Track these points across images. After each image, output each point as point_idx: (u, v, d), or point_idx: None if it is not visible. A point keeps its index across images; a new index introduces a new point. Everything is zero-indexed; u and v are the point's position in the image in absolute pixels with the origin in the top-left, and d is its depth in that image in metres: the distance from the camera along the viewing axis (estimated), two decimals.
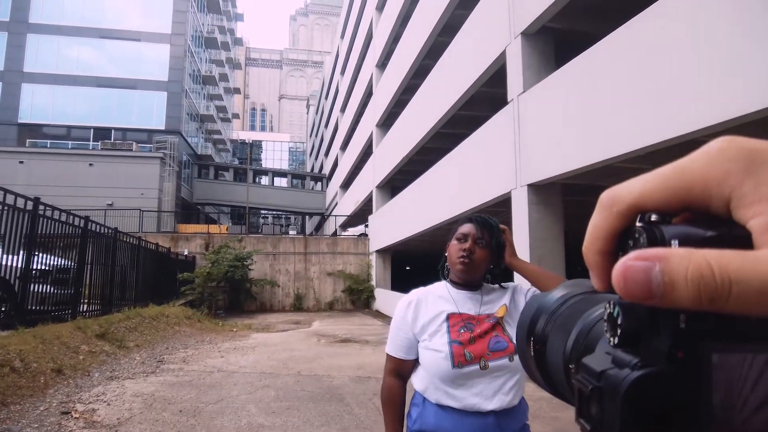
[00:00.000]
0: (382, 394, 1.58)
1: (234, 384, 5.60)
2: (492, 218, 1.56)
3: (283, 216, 48.23)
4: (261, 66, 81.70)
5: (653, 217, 0.21)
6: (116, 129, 27.49)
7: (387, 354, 1.60)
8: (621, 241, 0.23)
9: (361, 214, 22.70)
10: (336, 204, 29.78)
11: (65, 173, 23.82)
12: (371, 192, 19.46)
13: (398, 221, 15.10)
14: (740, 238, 0.19)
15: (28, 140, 25.96)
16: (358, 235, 20.79)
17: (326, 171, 37.30)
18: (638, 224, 0.22)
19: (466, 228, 1.52)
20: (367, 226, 20.47)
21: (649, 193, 0.21)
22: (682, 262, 0.18)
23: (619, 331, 0.21)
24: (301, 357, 7.67)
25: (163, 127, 27.33)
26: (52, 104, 26.89)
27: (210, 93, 36.62)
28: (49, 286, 6.80)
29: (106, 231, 8.86)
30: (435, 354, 1.44)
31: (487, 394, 1.41)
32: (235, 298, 16.87)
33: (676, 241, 0.20)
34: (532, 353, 0.32)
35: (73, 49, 27.49)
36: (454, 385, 1.42)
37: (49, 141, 26.81)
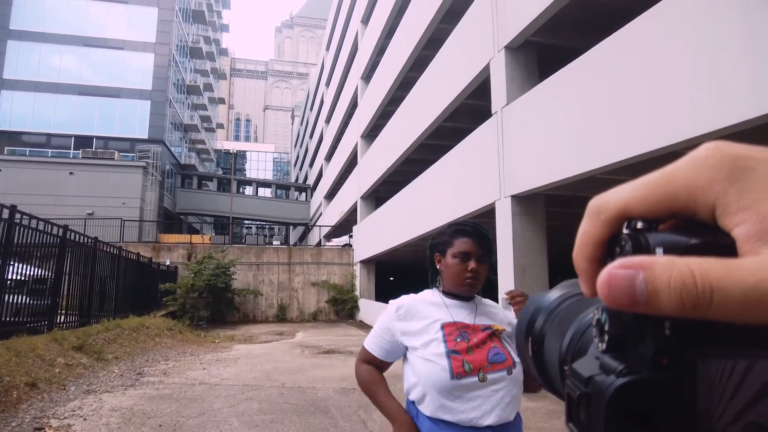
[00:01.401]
0: (361, 377, 1.54)
1: (216, 397, 5.50)
2: (483, 227, 1.54)
3: (267, 226, 47.90)
4: (246, 76, 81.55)
5: (639, 225, 0.22)
6: (98, 137, 27.09)
7: (364, 347, 1.56)
8: (609, 247, 0.23)
9: (346, 225, 22.65)
10: (320, 214, 29.69)
11: (44, 182, 23.39)
12: (356, 202, 19.46)
13: (383, 232, 15.10)
14: (725, 246, 0.19)
15: (6, 148, 25.43)
16: (342, 246, 20.72)
17: (311, 181, 37.22)
18: (625, 231, 0.22)
19: (466, 245, 1.47)
20: (351, 236, 20.42)
21: (635, 201, 0.22)
22: (665, 271, 0.19)
23: (606, 337, 0.22)
24: (284, 369, 7.57)
25: (146, 136, 27.03)
26: (32, 112, 26.44)
27: (194, 102, 36.40)
28: (24, 297, 6.63)
29: (85, 240, 8.69)
30: (432, 365, 1.39)
31: (486, 409, 1.37)
32: (217, 308, 16.65)
33: (661, 249, 0.20)
34: (531, 353, 0.32)
35: (55, 57, 27.13)
36: (451, 397, 1.37)
37: (28, 149, 26.31)
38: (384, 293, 17.92)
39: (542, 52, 7.92)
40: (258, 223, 42.11)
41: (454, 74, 9.82)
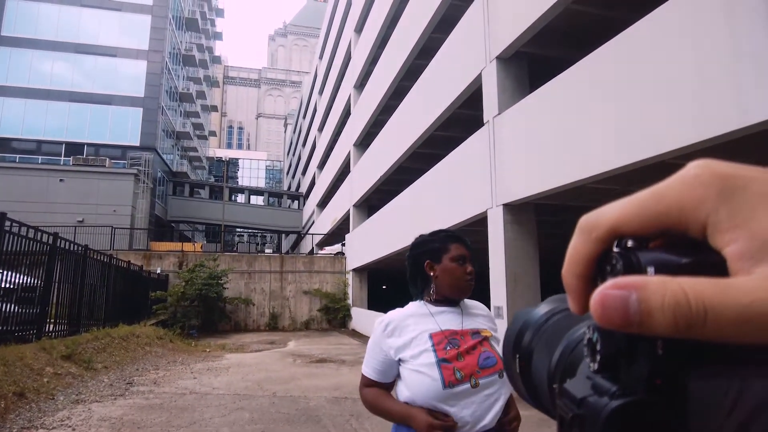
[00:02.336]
0: (366, 399, 1.54)
1: (207, 406, 5.46)
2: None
3: (259, 234, 47.73)
4: (239, 84, 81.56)
5: (630, 243, 0.22)
6: (89, 144, 26.92)
7: (362, 373, 1.58)
8: (599, 265, 0.23)
9: (338, 233, 22.63)
10: (313, 222, 29.65)
11: (35, 189, 23.20)
12: (348, 211, 19.47)
13: (375, 240, 15.11)
14: (716, 265, 0.19)
15: None
16: (335, 254, 20.69)
17: (303, 189, 37.19)
18: (615, 249, 0.22)
19: (461, 249, 1.54)
20: (344, 244, 20.40)
21: (626, 219, 0.22)
22: (658, 291, 0.18)
23: (598, 357, 0.22)
24: (276, 378, 7.53)
25: (137, 144, 26.91)
26: (23, 118, 26.26)
27: (187, 110, 36.33)
28: (13, 305, 6.56)
29: (75, 248, 8.62)
30: (423, 376, 1.40)
31: (480, 414, 1.38)
32: (208, 317, 16.52)
33: (652, 268, 0.20)
34: (518, 369, 0.32)
35: (47, 63, 27.01)
36: (445, 406, 1.38)
37: (18, 156, 26.10)
38: (376, 301, 17.90)
39: (533, 63, 8.02)
40: (250, 231, 41.97)
41: (446, 84, 9.91)
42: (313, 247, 26.26)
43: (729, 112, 3.97)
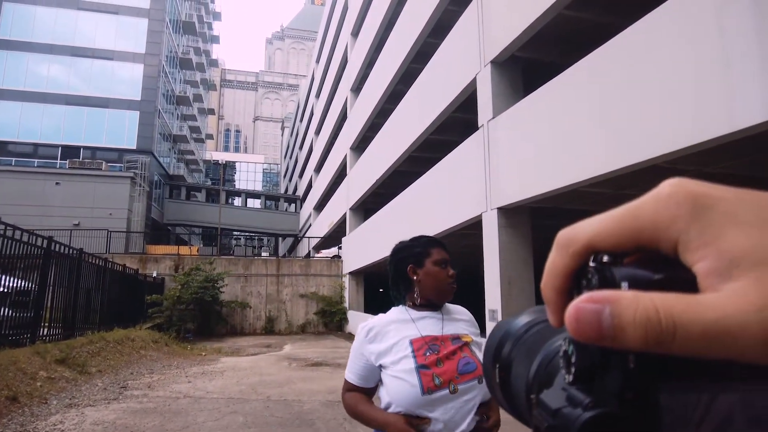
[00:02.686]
0: (348, 404, 1.55)
1: (200, 410, 5.46)
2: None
3: (256, 237, 47.68)
4: (236, 87, 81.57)
5: (605, 258, 0.22)
6: (85, 147, 26.91)
7: (345, 378, 1.60)
8: (576, 279, 0.23)
9: (335, 236, 22.64)
10: (310, 226, 29.64)
11: (30, 192, 23.17)
12: (345, 214, 19.48)
13: (371, 243, 15.12)
14: (686, 281, 0.20)
15: None
16: (331, 257, 20.69)
17: (300, 193, 37.19)
18: (591, 264, 0.22)
19: (442, 253, 1.56)
20: (340, 248, 20.40)
21: (602, 235, 0.22)
22: (630, 305, 0.19)
23: (573, 369, 0.22)
24: (271, 381, 7.52)
25: (134, 147, 26.92)
26: (19, 121, 26.23)
27: (184, 113, 36.34)
28: (6, 309, 6.55)
29: (70, 252, 8.60)
30: (402, 382, 1.41)
31: (458, 419, 1.39)
32: (204, 321, 16.48)
33: (626, 283, 0.21)
34: (498, 379, 0.33)
35: (44, 66, 27.02)
36: (424, 412, 1.39)
37: (14, 159, 26.05)
38: (373, 305, 17.88)
39: (528, 67, 8.07)
40: (247, 234, 41.95)
41: (441, 88, 9.95)
42: (309, 251, 26.25)
43: (721, 116, 4.00)
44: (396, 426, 1.38)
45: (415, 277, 1.55)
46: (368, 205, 17.93)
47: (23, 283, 7.14)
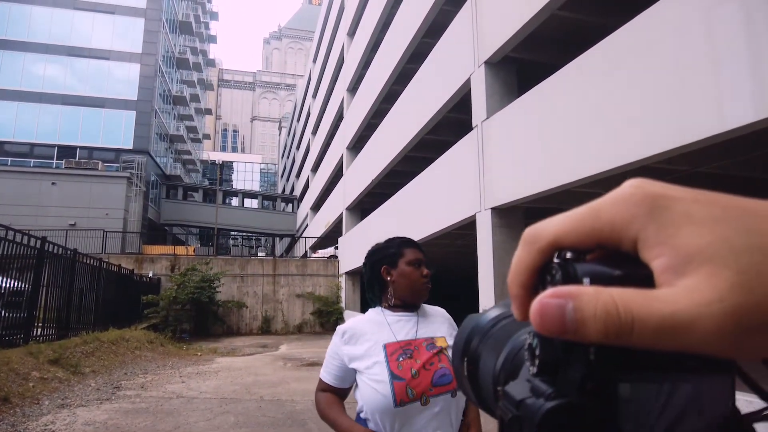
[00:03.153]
0: (320, 405, 1.54)
1: (193, 410, 5.46)
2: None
3: (254, 237, 47.66)
4: (234, 87, 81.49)
5: (568, 255, 0.23)
6: (82, 147, 26.85)
7: (320, 377, 1.59)
8: (540, 275, 0.24)
9: (332, 236, 22.64)
10: (307, 226, 29.63)
11: (26, 192, 23.13)
12: (341, 214, 19.48)
13: (367, 243, 14.93)
14: (644, 277, 0.21)
15: None
16: (328, 257, 20.69)
17: (297, 193, 37.17)
18: (555, 261, 0.23)
19: (416, 253, 1.56)
20: (337, 248, 20.40)
21: (566, 232, 0.23)
22: (591, 300, 0.20)
23: (537, 362, 0.23)
24: (265, 381, 7.53)
25: (130, 147, 26.87)
26: (15, 121, 26.16)
27: (180, 113, 36.29)
28: (0, 309, 6.54)
29: (64, 252, 8.59)
30: (375, 393, 1.41)
31: (428, 431, 1.40)
32: (201, 321, 16.47)
33: (588, 279, 0.22)
34: (466, 373, 0.33)
35: (40, 66, 26.94)
36: (394, 421, 1.39)
37: (10, 159, 25.99)
38: (369, 305, 17.86)
39: (522, 68, 8.08)
40: (244, 234, 41.93)
41: (436, 88, 9.96)
42: (306, 251, 26.24)
43: (708, 118, 4.02)
44: None
45: (389, 278, 1.56)
46: (365, 205, 17.94)
47: (16, 284, 7.13)
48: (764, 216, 0.20)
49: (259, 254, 26.62)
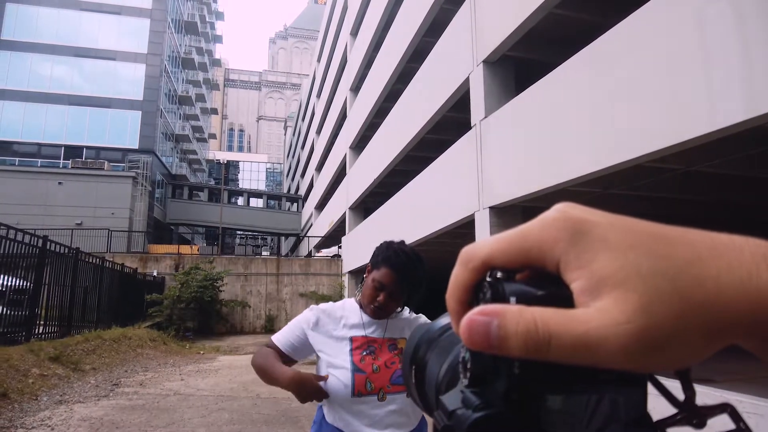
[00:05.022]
0: (258, 354, 1.51)
1: (188, 407, 5.51)
2: (417, 260, 1.54)
3: (259, 237, 47.83)
4: (240, 87, 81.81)
5: (499, 274, 0.24)
6: (88, 147, 27.08)
7: (271, 339, 1.58)
8: (475, 292, 0.25)
9: (335, 236, 22.69)
10: (311, 225, 29.70)
11: (34, 192, 23.35)
12: (344, 213, 19.52)
13: (370, 243, 15.08)
14: (565, 298, 0.22)
15: None
16: (331, 257, 20.73)
17: (302, 192, 37.25)
18: (487, 279, 0.25)
19: (386, 277, 1.49)
20: (340, 247, 20.45)
21: (497, 253, 0.25)
22: (513, 318, 0.21)
23: (468, 374, 0.24)
24: None
25: (136, 147, 27.05)
26: (22, 121, 26.42)
27: (186, 113, 36.48)
28: (2, 307, 6.62)
29: (65, 251, 8.68)
30: (336, 380, 1.43)
31: (380, 427, 1.42)
32: (205, 319, 16.55)
33: (515, 298, 0.23)
34: (413, 380, 0.35)
35: (47, 67, 27.18)
36: (350, 411, 1.42)
37: (17, 159, 26.25)
38: None
39: (521, 67, 8.06)
40: (250, 233, 42.09)
41: (436, 87, 9.96)
42: (310, 250, 26.31)
43: (701, 116, 4.01)
44: (291, 381, 1.38)
45: (365, 276, 1.60)
46: (368, 205, 17.96)
47: (19, 282, 7.22)
48: (673, 242, 0.22)
49: (263, 254, 26.73)
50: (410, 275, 1.50)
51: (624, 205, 7.84)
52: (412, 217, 11.27)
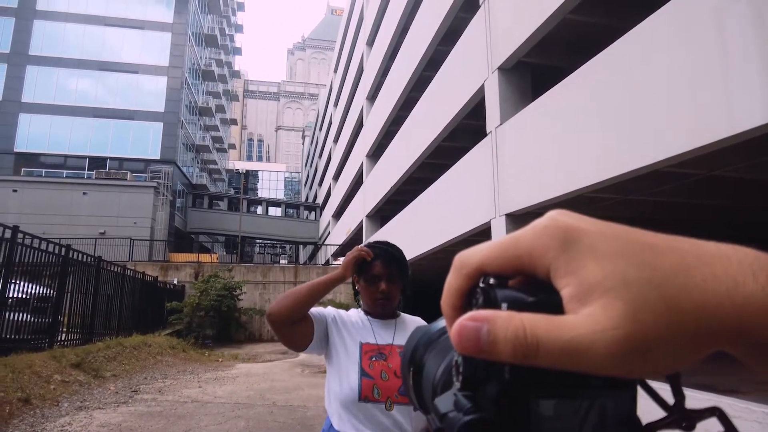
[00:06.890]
0: (284, 295, 1.44)
1: (205, 414, 5.55)
2: (393, 246, 1.59)
3: (278, 245, 48.22)
4: (259, 98, 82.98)
5: (491, 281, 0.25)
6: (112, 158, 27.74)
7: None
8: (468, 298, 0.26)
9: (353, 244, 22.73)
10: (329, 233, 29.83)
11: (59, 202, 23.94)
12: (361, 221, 19.56)
13: None
14: (555, 304, 0.23)
15: (23, 169, 26.17)
16: None
17: (320, 200, 37.48)
18: (480, 285, 0.25)
19: (375, 268, 1.52)
20: None
21: (489, 260, 0.25)
22: (503, 324, 0.22)
23: (460, 378, 0.25)
24: (281, 387, 7.60)
25: (158, 157, 27.60)
26: (49, 134, 27.20)
27: (206, 124, 37.10)
28: (26, 315, 6.78)
29: (88, 259, 8.86)
30: (344, 381, 1.43)
31: None
32: (224, 327, 16.68)
33: (506, 304, 0.24)
34: (411, 382, 0.35)
35: (72, 81, 27.99)
36: (356, 416, 1.40)
37: (44, 170, 27.00)
38: None
39: (536, 73, 8.02)
40: (269, 242, 42.47)
41: (451, 95, 9.96)
42: (328, 258, 26.40)
43: (720, 120, 3.93)
44: (338, 269, 1.48)
45: (357, 287, 1.58)
46: (384, 213, 17.98)
47: (42, 290, 7.38)
48: (661, 250, 0.22)
49: (281, 262, 26.90)
50: (396, 256, 1.56)
51: (642, 211, 7.71)
52: (428, 225, 11.24)
